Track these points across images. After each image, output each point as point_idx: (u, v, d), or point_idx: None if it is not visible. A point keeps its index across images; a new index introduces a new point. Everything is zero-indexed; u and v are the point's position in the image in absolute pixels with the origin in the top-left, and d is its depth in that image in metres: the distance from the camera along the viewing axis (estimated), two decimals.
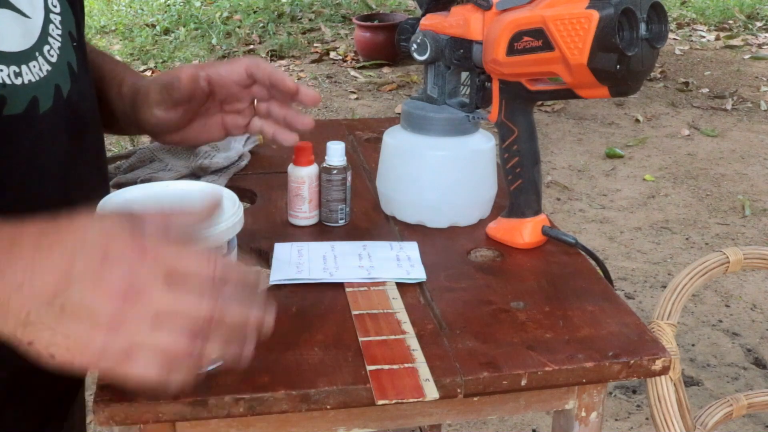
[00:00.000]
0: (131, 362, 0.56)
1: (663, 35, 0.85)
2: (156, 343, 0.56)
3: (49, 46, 0.78)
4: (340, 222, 1.04)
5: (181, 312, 0.57)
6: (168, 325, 0.56)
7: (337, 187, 1.02)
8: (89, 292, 0.55)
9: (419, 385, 0.73)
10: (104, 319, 0.55)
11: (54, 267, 0.56)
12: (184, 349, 0.57)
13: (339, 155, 1.02)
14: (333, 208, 1.03)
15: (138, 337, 0.56)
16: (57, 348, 0.56)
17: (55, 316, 0.56)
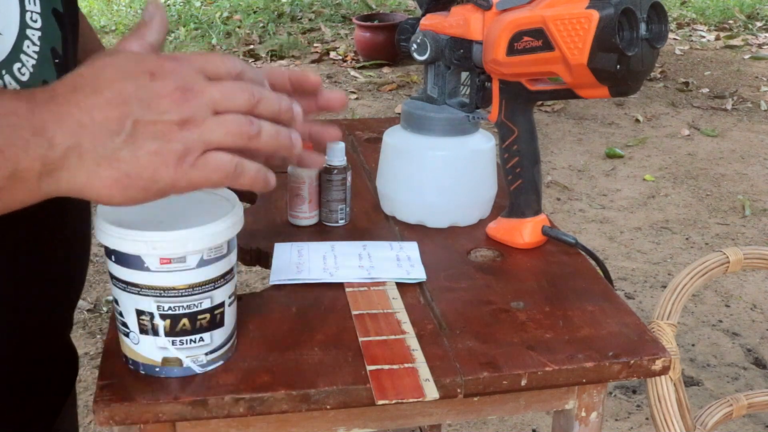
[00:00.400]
0: (208, 160, 0.60)
1: (663, 35, 0.85)
2: (225, 131, 0.60)
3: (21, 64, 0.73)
4: (340, 222, 1.04)
5: (232, 97, 0.61)
6: (226, 111, 0.60)
7: (337, 187, 1.02)
8: (153, 105, 0.58)
9: (419, 385, 0.73)
10: (175, 122, 0.59)
11: (108, 100, 0.58)
12: (248, 131, 0.61)
13: (339, 155, 1.02)
14: (333, 208, 1.03)
15: (208, 131, 0.60)
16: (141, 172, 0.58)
17: (131, 140, 0.58)
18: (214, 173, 0.60)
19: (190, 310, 0.70)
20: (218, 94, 0.60)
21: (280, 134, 0.63)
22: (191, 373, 0.73)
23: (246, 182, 0.63)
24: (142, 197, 0.60)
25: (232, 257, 0.73)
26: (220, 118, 0.60)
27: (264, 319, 0.83)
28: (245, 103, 0.61)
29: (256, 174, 0.63)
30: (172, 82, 0.59)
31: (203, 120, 0.60)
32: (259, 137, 0.62)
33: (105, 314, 2.56)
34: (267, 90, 0.64)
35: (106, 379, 0.72)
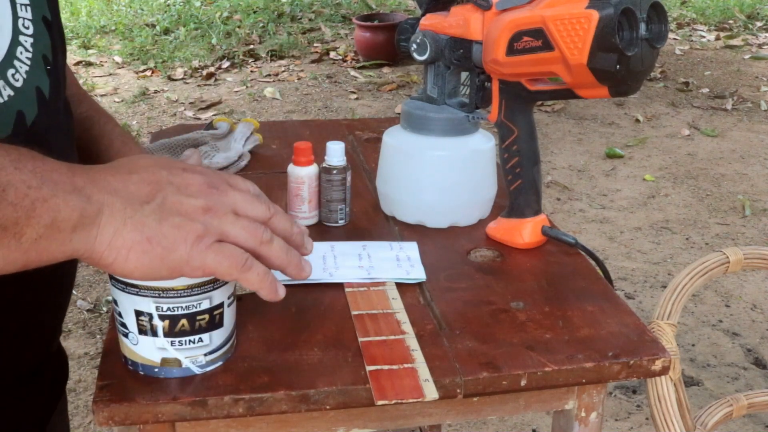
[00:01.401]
0: (222, 247, 0.64)
1: (663, 35, 0.85)
2: (242, 227, 0.65)
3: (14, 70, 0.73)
4: (339, 222, 1.04)
5: (251, 205, 0.67)
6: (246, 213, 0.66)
7: (337, 187, 1.02)
8: (183, 189, 0.64)
9: (419, 385, 0.73)
10: (200, 207, 0.64)
11: (143, 179, 0.64)
12: (261, 235, 0.66)
13: (339, 155, 1.02)
14: (333, 208, 1.03)
15: (227, 224, 0.65)
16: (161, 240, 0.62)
17: (158, 211, 0.63)
18: (226, 260, 0.64)
19: (189, 311, 0.70)
20: (240, 197, 0.67)
21: (290, 252, 0.69)
22: (190, 373, 0.73)
23: (253, 279, 0.66)
24: (156, 266, 0.63)
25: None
26: (238, 217, 0.66)
27: (264, 319, 0.83)
28: (262, 213, 0.67)
29: (265, 275, 0.66)
30: (202, 177, 0.66)
31: (224, 213, 0.65)
32: (270, 245, 0.67)
33: (105, 314, 2.56)
34: (282, 210, 0.70)
35: (106, 379, 0.72)
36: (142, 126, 4.09)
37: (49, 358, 0.89)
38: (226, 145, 1.24)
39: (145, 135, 3.94)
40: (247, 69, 4.98)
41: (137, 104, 4.39)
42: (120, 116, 4.20)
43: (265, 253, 0.66)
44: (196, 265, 0.63)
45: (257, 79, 4.80)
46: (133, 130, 3.96)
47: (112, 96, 4.50)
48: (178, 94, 4.52)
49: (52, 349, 0.90)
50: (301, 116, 4.21)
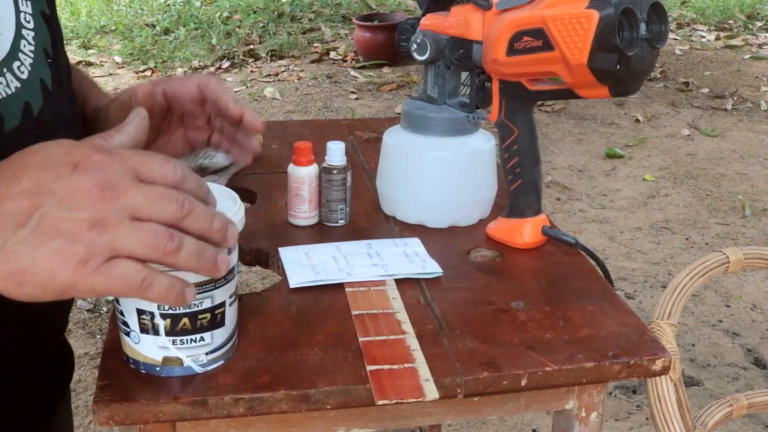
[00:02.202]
0: (113, 268, 0.56)
1: (663, 35, 0.85)
2: (138, 240, 0.56)
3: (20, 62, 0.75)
4: (340, 222, 1.04)
5: (156, 205, 0.57)
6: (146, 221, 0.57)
7: (337, 187, 1.02)
8: (66, 199, 0.55)
9: (419, 385, 0.73)
10: (85, 221, 0.55)
11: (23, 189, 0.56)
12: (164, 245, 0.57)
13: (339, 155, 1.02)
14: (333, 208, 1.03)
15: (120, 237, 0.56)
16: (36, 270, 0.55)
17: (33, 236, 0.55)
18: (117, 283, 0.57)
19: (190, 310, 0.70)
20: (142, 199, 0.57)
21: (203, 255, 0.60)
22: (192, 372, 0.73)
23: (154, 297, 0.59)
24: (39, 294, 0.57)
25: (233, 257, 0.73)
26: (136, 225, 0.57)
27: (264, 319, 0.83)
28: (171, 213, 0.58)
29: (168, 290, 0.59)
30: (94, 178, 0.56)
31: (117, 224, 0.56)
32: (176, 254, 0.58)
33: (105, 314, 2.56)
34: (201, 205, 0.60)
35: (106, 379, 0.72)
36: None
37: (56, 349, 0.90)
38: None
39: None
40: (247, 69, 4.98)
41: None
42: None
43: (170, 262, 0.58)
44: (83, 289, 0.57)
45: (257, 79, 4.80)
46: None
47: None
48: None
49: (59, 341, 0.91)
50: (301, 116, 4.21)
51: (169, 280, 0.59)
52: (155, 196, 0.57)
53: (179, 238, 0.58)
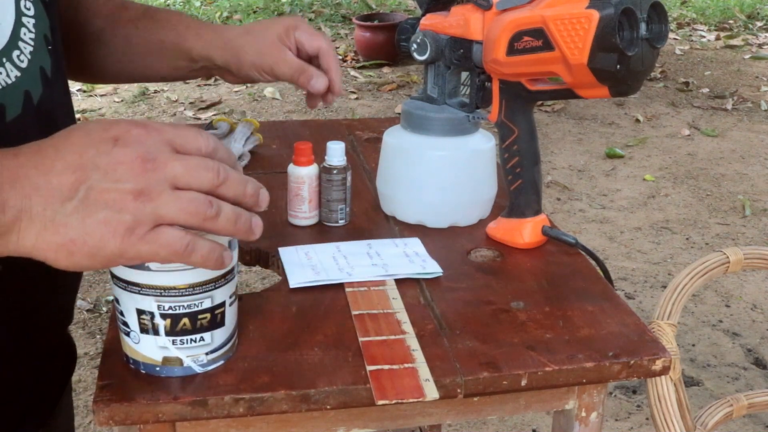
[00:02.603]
0: (158, 235, 0.59)
1: (663, 35, 0.85)
2: (180, 208, 0.59)
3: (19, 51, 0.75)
4: (340, 222, 1.04)
5: (194, 174, 0.60)
6: (186, 189, 0.60)
7: (337, 187, 1.02)
8: (110, 172, 0.58)
9: (419, 385, 0.73)
10: (130, 192, 0.58)
11: (68, 164, 0.58)
12: (204, 212, 0.60)
13: (339, 155, 1.02)
14: (333, 208, 1.03)
15: (163, 205, 0.59)
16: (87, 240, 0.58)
17: (81, 208, 0.58)
18: (162, 249, 0.60)
19: (190, 310, 0.70)
20: (181, 169, 0.60)
21: (240, 219, 0.63)
22: (192, 372, 0.73)
23: (197, 261, 0.62)
24: (88, 263, 0.60)
25: (233, 257, 0.73)
26: (178, 193, 0.59)
27: (264, 319, 0.83)
28: (208, 182, 0.61)
29: (209, 254, 0.62)
30: (134, 151, 0.59)
31: (159, 193, 0.59)
32: (215, 219, 0.61)
33: (105, 314, 2.56)
34: (234, 172, 0.63)
35: (106, 379, 0.72)
36: None
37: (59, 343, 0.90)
38: (226, 145, 1.24)
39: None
40: None
41: (137, 104, 4.39)
42: (120, 116, 4.20)
43: (210, 228, 0.61)
44: (130, 257, 0.60)
45: None
46: None
47: (112, 96, 4.50)
48: (177, 94, 4.52)
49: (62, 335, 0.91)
50: (301, 116, 4.21)
51: (210, 244, 0.62)
52: (193, 165, 0.60)
53: (217, 204, 0.61)
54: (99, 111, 4.27)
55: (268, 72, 1.00)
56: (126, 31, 1.01)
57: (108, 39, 1.01)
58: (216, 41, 1.00)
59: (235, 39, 1.00)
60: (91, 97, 4.45)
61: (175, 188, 0.59)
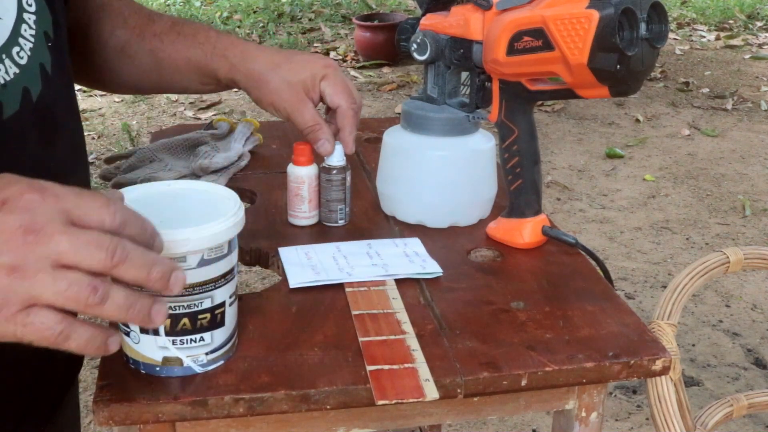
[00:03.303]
0: (28, 317, 0.54)
1: (663, 35, 0.85)
2: (57, 291, 0.53)
3: (19, 48, 0.75)
4: (339, 222, 1.04)
5: (83, 252, 0.54)
6: (74, 266, 0.54)
7: (336, 187, 1.02)
8: None
9: (419, 385, 0.73)
10: (4, 266, 0.53)
11: None
12: (86, 298, 0.54)
13: (338, 155, 1.02)
14: (333, 208, 1.03)
15: (38, 286, 0.53)
16: None
17: None
18: (30, 334, 0.54)
19: (190, 310, 0.70)
20: (67, 245, 0.53)
21: (134, 307, 0.57)
22: (192, 372, 0.73)
23: (71, 349, 0.56)
24: None
25: (232, 257, 0.73)
26: (58, 273, 0.53)
27: (264, 319, 0.83)
28: (99, 262, 0.54)
29: (87, 343, 0.56)
30: (19, 219, 0.53)
31: (37, 271, 0.53)
32: (100, 306, 0.55)
33: None
34: (140, 251, 0.56)
35: (106, 379, 0.72)
36: (142, 126, 4.09)
37: None
38: (226, 145, 1.24)
39: (145, 135, 3.93)
40: None
41: (137, 104, 4.39)
42: (120, 116, 4.20)
43: (94, 314, 0.55)
44: (2, 334, 0.54)
45: None
46: (133, 130, 3.96)
47: (112, 96, 4.49)
48: (177, 94, 4.52)
49: None
50: None
51: (90, 332, 0.56)
52: (83, 242, 0.54)
53: (104, 290, 0.55)
54: (99, 111, 4.27)
55: (284, 115, 1.01)
56: (152, 45, 1.01)
57: (133, 53, 1.01)
58: (241, 68, 0.99)
59: (261, 73, 0.99)
60: (91, 97, 4.45)
61: (59, 266, 0.54)
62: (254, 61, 1.00)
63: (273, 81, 0.99)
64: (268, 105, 1.01)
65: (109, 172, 1.21)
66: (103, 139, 3.94)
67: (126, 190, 0.75)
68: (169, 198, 0.75)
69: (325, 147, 1.00)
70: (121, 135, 3.92)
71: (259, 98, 1.01)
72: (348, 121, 1.01)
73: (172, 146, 1.22)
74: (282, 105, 1.00)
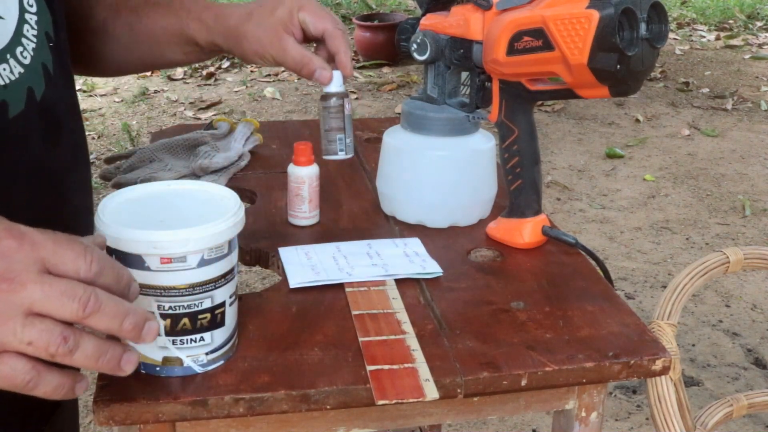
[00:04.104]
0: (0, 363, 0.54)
1: (663, 35, 0.85)
2: (27, 340, 0.54)
3: (23, 48, 0.76)
4: (339, 154, 1.01)
5: (55, 302, 0.54)
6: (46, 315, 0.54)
7: (335, 114, 0.99)
8: None
9: (419, 385, 0.73)
10: None
11: None
12: (55, 348, 0.54)
13: (337, 81, 0.99)
14: (331, 138, 1.00)
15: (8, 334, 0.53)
16: None
17: None
18: (2, 380, 0.55)
19: (190, 310, 0.70)
20: (40, 294, 0.54)
21: (104, 357, 0.57)
22: (192, 372, 0.73)
23: (40, 395, 0.57)
24: None
25: (233, 257, 0.73)
26: (30, 321, 0.54)
27: (264, 319, 0.83)
28: (71, 312, 0.54)
29: (55, 390, 0.57)
30: None
31: (8, 319, 0.53)
32: (69, 356, 0.55)
33: None
34: (113, 301, 0.57)
35: (106, 379, 0.72)
36: (142, 126, 4.09)
37: None
38: (226, 145, 1.24)
39: (145, 135, 3.94)
40: (246, 69, 4.98)
41: (137, 104, 4.39)
42: (120, 116, 4.20)
43: (64, 362, 0.56)
44: None
45: (257, 78, 4.80)
46: (133, 130, 3.96)
47: (112, 96, 4.50)
48: (178, 94, 4.52)
49: None
50: (301, 116, 4.21)
51: (58, 380, 0.57)
52: (56, 291, 0.54)
53: (75, 340, 0.55)
54: (99, 111, 4.27)
55: (272, 63, 0.97)
56: (129, 19, 1.00)
57: (111, 30, 1.00)
58: (218, 28, 0.97)
59: (237, 27, 0.96)
60: (91, 97, 4.45)
61: (32, 314, 0.54)
62: (228, 17, 0.97)
63: (250, 31, 0.96)
64: (253, 56, 0.97)
65: (109, 172, 1.21)
66: (103, 139, 3.94)
67: (126, 190, 0.76)
68: (169, 198, 0.75)
69: (322, 75, 0.97)
70: (121, 135, 3.92)
71: (243, 53, 0.97)
72: (339, 42, 0.97)
73: (172, 146, 1.22)
74: (266, 51, 0.96)
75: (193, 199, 0.75)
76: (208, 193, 0.76)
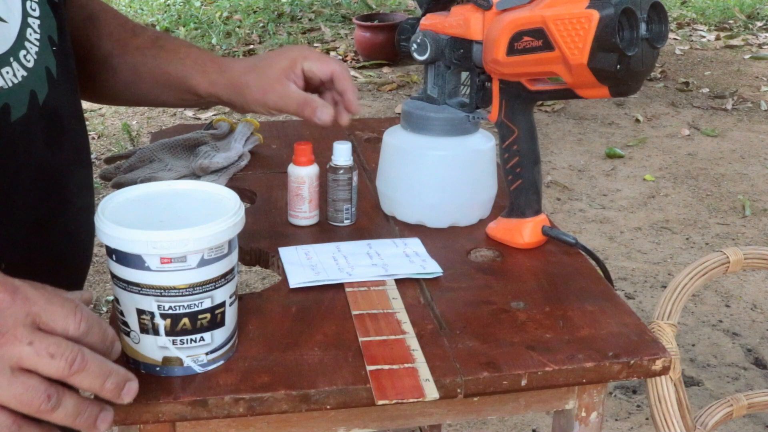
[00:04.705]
0: None
1: (663, 35, 0.85)
2: (12, 395, 0.55)
3: (26, 51, 0.76)
4: (345, 222, 1.04)
5: (43, 359, 0.56)
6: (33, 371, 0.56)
7: (343, 186, 1.02)
8: None
9: (419, 385, 0.73)
10: None
11: None
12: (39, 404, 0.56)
13: (345, 155, 1.02)
14: (339, 207, 1.03)
15: None
16: None
17: None
18: None
19: (190, 310, 0.70)
20: (29, 350, 0.56)
21: (82, 415, 0.59)
22: (192, 372, 0.73)
23: None
24: None
25: (233, 257, 0.73)
26: (16, 376, 0.56)
27: (264, 319, 0.83)
28: (57, 370, 0.57)
29: None
30: None
31: None
32: (50, 413, 0.57)
33: (105, 314, 2.56)
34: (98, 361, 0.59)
35: None
36: (142, 126, 4.09)
37: None
38: (226, 145, 1.24)
39: (145, 135, 3.93)
40: None
41: None
42: (120, 116, 4.20)
43: (45, 419, 0.58)
44: None
45: None
46: (133, 130, 3.96)
47: None
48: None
49: None
50: None
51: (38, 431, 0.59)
52: (44, 349, 0.56)
53: (57, 398, 0.57)
54: (99, 111, 4.27)
55: (273, 108, 0.99)
56: (134, 59, 1.00)
57: (115, 65, 1.01)
58: (220, 80, 0.99)
59: (239, 77, 0.98)
60: None
61: (19, 369, 0.56)
62: (231, 69, 0.99)
63: (252, 80, 0.98)
64: (255, 104, 0.99)
65: (109, 172, 1.21)
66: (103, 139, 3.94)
67: (126, 190, 0.76)
68: (169, 198, 0.76)
69: (324, 113, 0.98)
70: (121, 135, 3.92)
71: (245, 102, 0.99)
72: (346, 82, 1.00)
73: (172, 146, 1.22)
74: (267, 98, 0.98)
75: (193, 199, 0.75)
76: (208, 193, 0.76)
